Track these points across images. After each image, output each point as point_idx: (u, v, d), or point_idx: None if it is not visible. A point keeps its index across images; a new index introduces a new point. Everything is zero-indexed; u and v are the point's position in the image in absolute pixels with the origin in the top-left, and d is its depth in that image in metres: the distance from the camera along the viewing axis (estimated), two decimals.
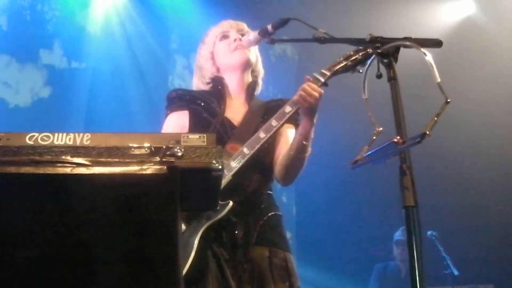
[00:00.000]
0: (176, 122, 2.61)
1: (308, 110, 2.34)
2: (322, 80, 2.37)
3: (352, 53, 2.35)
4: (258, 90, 2.77)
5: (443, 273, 5.37)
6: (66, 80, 5.47)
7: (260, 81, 2.78)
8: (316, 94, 2.31)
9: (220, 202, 2.30)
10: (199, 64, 2.76)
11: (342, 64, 2.36)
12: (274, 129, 2.40)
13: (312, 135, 2.41)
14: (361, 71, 2.31)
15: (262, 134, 2.40)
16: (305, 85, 2.33)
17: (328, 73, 2.37)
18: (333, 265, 6.50)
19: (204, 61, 2.72)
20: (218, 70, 2.69)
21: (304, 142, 2.39)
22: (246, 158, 2.36)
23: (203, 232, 2.31)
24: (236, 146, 2.45)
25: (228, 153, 2.42)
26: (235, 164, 2.36)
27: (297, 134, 2.42)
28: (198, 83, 2.75)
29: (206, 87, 2.71)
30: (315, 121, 2.38)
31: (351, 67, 2.35)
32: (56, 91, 5.38)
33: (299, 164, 2.47)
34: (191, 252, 2.26)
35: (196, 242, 2.28)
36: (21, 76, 5.24)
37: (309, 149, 2.43)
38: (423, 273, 1.60)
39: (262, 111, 2.63)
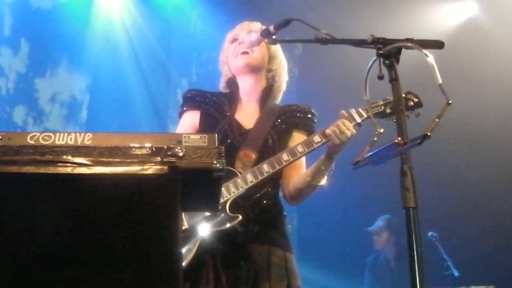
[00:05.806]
0: (190, 121, 2.65)
1: (337, 146, 2.33)
2: (358, 120, 2.36)
3: (392, 99, 2.30)
4: (278, 95, 2.72)
5: (443, 274, 5.36)
6: None
7: (280, 86, 2.72)
8: (348, 133, 2.30)
9: (229, 213, 2.31)
10: (220, 70, 2.79)
11: (380, 110, 2.35)
12: (299, 155, 2.38)
13: (333, 167, 2.42)
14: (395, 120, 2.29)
15: (285, 157, 2.37)
16: (340, 122, 2.32)
17: (365, 115, 2.36)
18: (334, 265, 6.49)
19: (222, 66, 2.76)
20: (233, 74, 2.72)
21: (324, 173, 2.40)
22: (264, 176, 2.35)
23: (205, 237, 2.31)
24: (249, 153, 2.45)
25: (241, 159, 2.43)
26: (251, 178, 2.34)
27: (318, 163, 2.40)
28: (220, 87, 2.78)
29: (225, 91, 2.74)
30: (338, 155, 2.38)
31: (389, 114, 2.33)
32: None
33: (312, 190, 2.49)
34: (189, 254, 2.27)
35: (197, 245, 2.28)
36: None
37: (326, 179, 2.43)
38: (423, 274, 1.60)
39: (275, 116, 2.60)
